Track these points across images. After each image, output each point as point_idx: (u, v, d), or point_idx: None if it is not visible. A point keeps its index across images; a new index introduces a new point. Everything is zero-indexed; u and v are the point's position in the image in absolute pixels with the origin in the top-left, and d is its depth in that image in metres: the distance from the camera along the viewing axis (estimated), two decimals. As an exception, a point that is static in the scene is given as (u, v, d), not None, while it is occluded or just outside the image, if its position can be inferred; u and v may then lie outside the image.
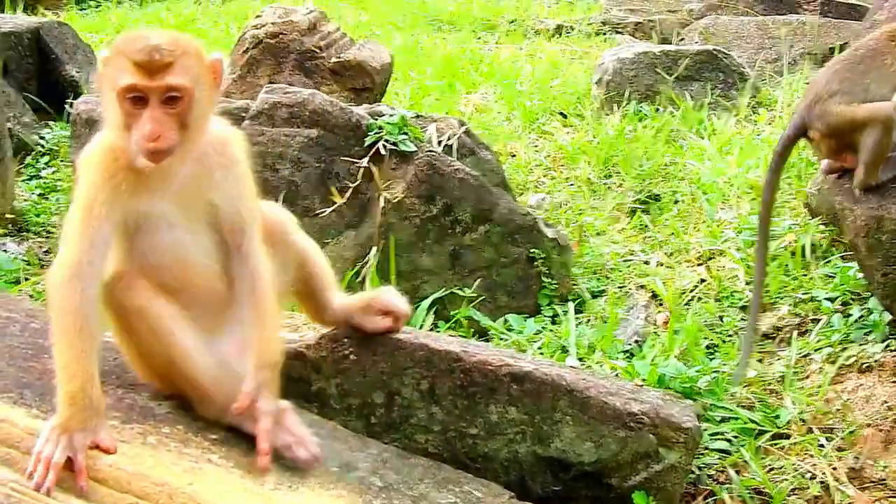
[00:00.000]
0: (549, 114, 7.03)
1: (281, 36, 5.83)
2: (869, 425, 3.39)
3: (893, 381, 3.53)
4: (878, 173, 3.08)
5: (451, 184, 4.33)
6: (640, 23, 10.99)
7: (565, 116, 6.95)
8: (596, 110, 6.85)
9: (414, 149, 4.33)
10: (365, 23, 10.40)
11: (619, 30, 10.86)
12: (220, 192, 2.48)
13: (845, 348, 3.76)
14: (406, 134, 4.36)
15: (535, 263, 4.42)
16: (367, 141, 4.30)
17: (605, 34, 10.56)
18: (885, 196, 3.08)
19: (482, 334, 4.23)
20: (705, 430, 3.44)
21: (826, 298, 4.02)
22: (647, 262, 4.72)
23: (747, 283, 4.30)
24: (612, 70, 6.87)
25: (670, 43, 10.08)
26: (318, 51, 5.83)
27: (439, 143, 4.58)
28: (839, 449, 3.35)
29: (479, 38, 10.40)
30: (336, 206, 4.27)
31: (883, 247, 3.05)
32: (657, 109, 6.72)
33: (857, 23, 8.70)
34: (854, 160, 3.25)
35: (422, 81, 7.65)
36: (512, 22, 10.95)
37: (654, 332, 4.09)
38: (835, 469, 3.27)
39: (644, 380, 3.62)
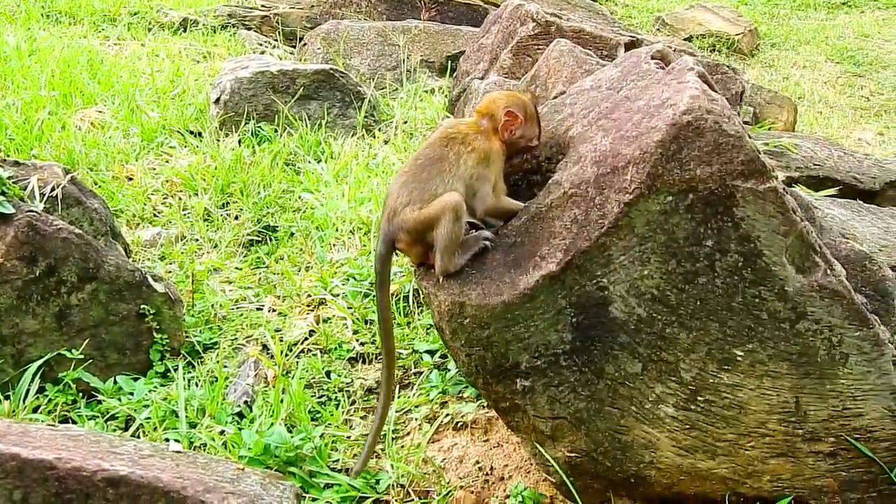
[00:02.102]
0: (169, 132, 6.77)
1: None
2: (462, 487, 3.54)
3: (485, 440, 3.72)
4: (454, 259, 3.19)
5: (54, 244, 4.11)
6: (266, 17, 10.85)
7: (185, 136, 6.72)
8: (215, 130, 6.68)
9: (12, 210, 4.06)
10: (-25, 15, 9.54)
11: (247, 23, 10.67)
12: None
13: (444, 403, 3.90)
14: (4, 194, 4.06)
15: (146, 319, 4.29)
16: (-37, 202, 3.96)
17: (232, 27, 10.34)
18: (466, 282, 3.19)
19: (92, 395, 4.05)
20: (315, 500, 3.48)
21: (427, 351, 4.17)
22: (260, 309, 4.67)
23: (354, 333, 4.37)
24: (230, 89, 6.72)
25: (295, 38, 10.08)
26: None
27: (42, 195, 4.29)
28: (435, 512, 3.49)
29: (101, 30, 9.84)
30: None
31: (465, 330, 3.17)
32: (275, 130, 6.65)
33: (472, 28, 9.01)
34: None
35: (35, 93, 7.09)
36: (135, 14, 10.43)
37: (265, 391, 4.05)
38: (430, 533, 3.41)
39: (251, 448, 3.59)
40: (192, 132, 6.83)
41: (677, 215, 3.03)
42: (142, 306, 4.28)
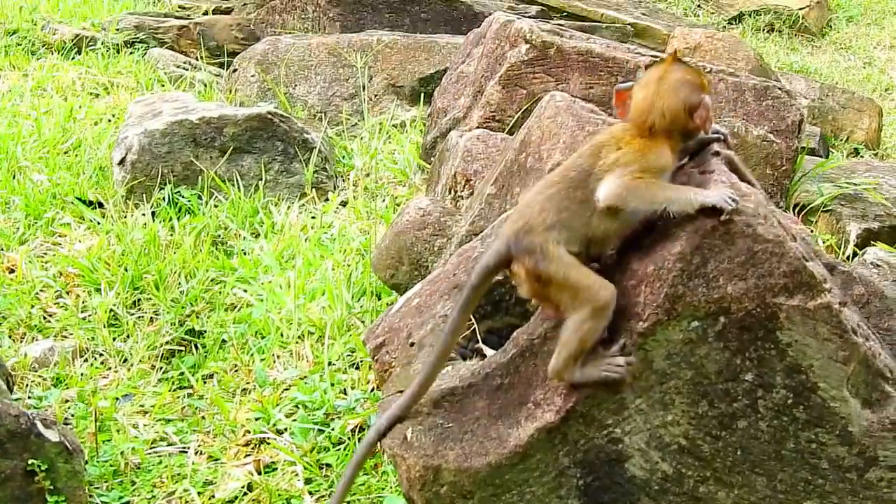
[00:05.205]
0: (61, 203, 6.84)
1: None
2: None
3: None
4: (574, 369, 3.16)
5: None
6: (184, 27, 10.95)
7: (82, 207, 6.79)
8: (120, 199, 6.75)
9: None
10: None
11: (160, 37, 10.77)
12: None
13: None
14: None
15: (36, 479, 4.32)
16: None
17: (140, 44, 10.44)
18: (442, 439, 3.26)
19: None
20: None
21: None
22: (184, 451, 4.72)
23: (307, 483, 4.42)
24: (138, 147, 6.79)
25: (222, 53, 10.20)
26: None
27: None
28: None
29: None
30: None
31: (442, 501, 3.23)
32: (199, 197, 6.73)
33: (452, 39, 8.96)
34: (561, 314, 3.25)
35: None
36: (13, 33, 10.54)
37: (188, 572, 4.11)
38: None
39: None
40: (89, 203, 6.88)
41: (706, 345, 3.12)
42: (30, 461, 4.31)
